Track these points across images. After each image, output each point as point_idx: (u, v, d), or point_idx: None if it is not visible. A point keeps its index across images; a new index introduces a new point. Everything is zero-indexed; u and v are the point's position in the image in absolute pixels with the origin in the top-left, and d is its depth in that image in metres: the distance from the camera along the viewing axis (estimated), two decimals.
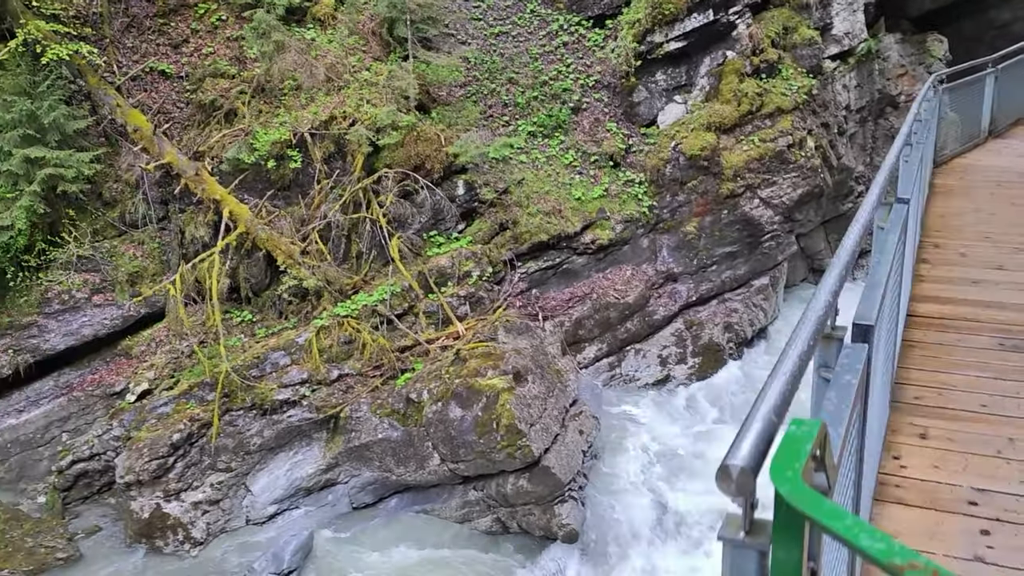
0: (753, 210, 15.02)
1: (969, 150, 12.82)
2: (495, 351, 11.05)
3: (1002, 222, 9.18)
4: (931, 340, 5.98)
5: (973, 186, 10.94)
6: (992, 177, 11.35)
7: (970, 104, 12.73)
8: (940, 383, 5.35)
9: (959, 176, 11.52)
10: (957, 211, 9.64)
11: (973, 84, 12.61)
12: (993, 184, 10.99)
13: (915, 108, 8.40)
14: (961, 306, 6.62)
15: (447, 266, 12.91)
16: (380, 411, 11.00)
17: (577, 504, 10.27)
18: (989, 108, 12.89)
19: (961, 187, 10.91)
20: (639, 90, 15.79)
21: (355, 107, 13.13)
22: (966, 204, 9.98)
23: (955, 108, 12.31)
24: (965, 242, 8.36)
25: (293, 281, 12.28)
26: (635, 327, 14.02)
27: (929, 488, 4.27)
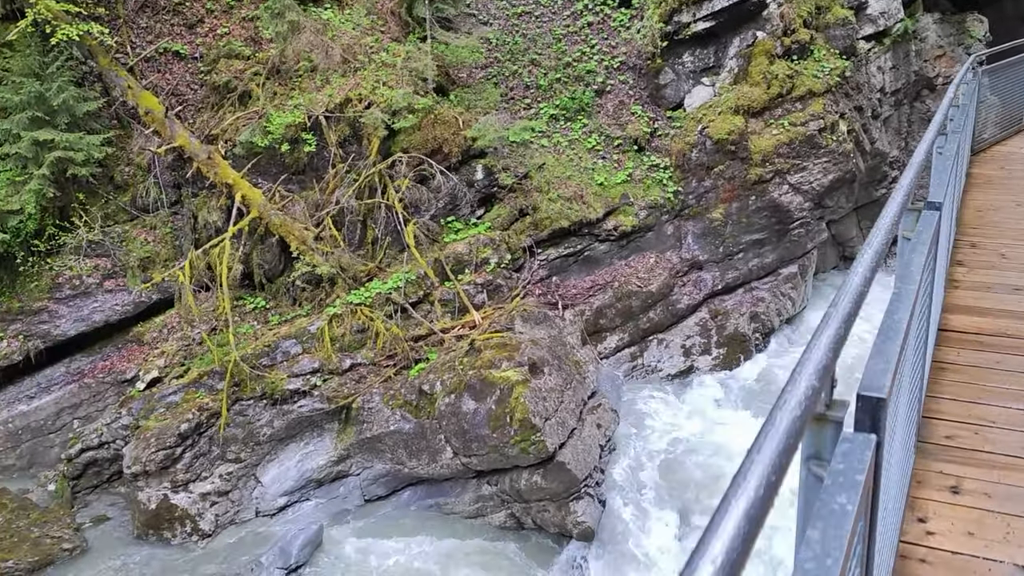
0: (782, 196, 14.51)
1: (1010, 136, 12.08)
2: (511, 342, 10.71)
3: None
4: (965, 361, 5.14)
5: (1014, 176, 10.17)
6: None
7: (1012, 87, 11.97)
8: (977, 418, 4.50)
9: (999, 165, 10.77)
10: (996, 205, 8.88)
11: (1015, 66, 11.89)
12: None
13: (951, 91, 7.67)
14: (1001, 319, 5.77)
15: (464, 253, 12.57)
16: (393, 402, 10.72)
17: (593, 501, 9.93)
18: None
19: (1001, 178, 10.16)
20: (665, 72, 15.30)
21: (371, 89, 12.80)
22: (1006, 198, 9.21)
23: (995, 91, 11.60)
24: (1005, 242, 7.56)
25: (306, 268, 12.01)
26: (658, 316, 13.61)
27: (961, 565, 3.45)
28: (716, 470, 11.11)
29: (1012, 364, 5.10)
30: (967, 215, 8.52)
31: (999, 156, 11.26)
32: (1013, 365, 5.08)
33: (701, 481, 10.93)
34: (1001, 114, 11.93)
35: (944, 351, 5.29)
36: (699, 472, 11.10)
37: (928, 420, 4.48)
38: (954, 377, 4.94)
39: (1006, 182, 9.92)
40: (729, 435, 11.83)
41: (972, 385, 4.85)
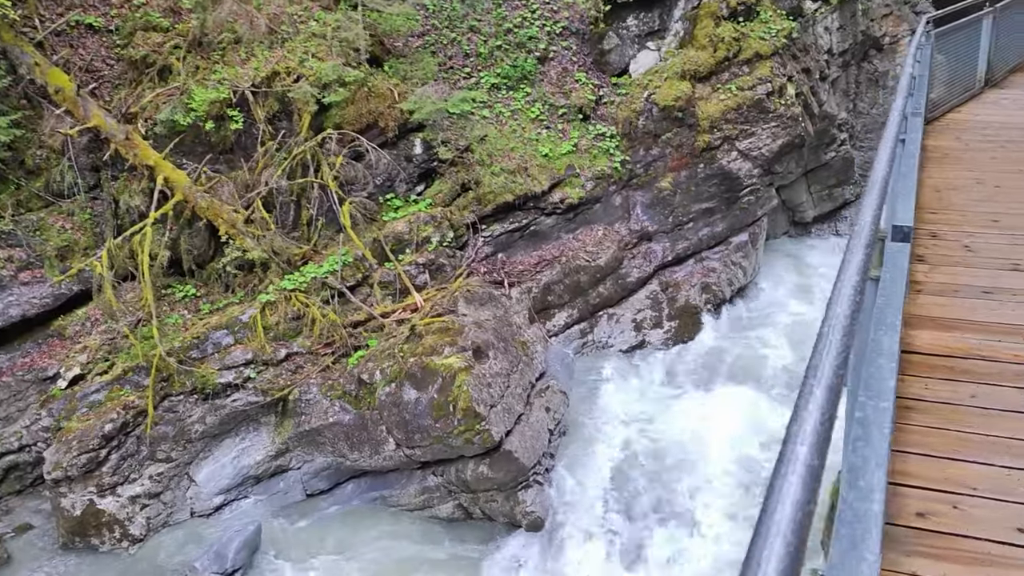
0: (731, 163, 14.16)
1: (964, 103, 11.45)
2: (453, 326, 10.24)
3: (1011, 198, 7.65)
4: (935, 396, 4.16)
5: (972, 148, 9.47)
6: (992, 136, 9.98)
7: (965, 50, 11.32)
8: (954, 483, 3.48)
9: (955, 135, 10.06)
10: (955, 183, 8.11)
11: (968, 27, 11.35)
12: (995, 145, 9.60)
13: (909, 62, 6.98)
14: (972, 334, 4.82)
15: (404, 232, 12.03)
16: (331, 393, 10.22)
17: (543, 489, 9.57)
18: (986, 54, 11.51)
19: (958, 150, 9.46)
20: (609, 37, 14.79)
21: (299, 62, 12.11)
22: (965, 173, 8.47)
23: (947, 55, 11.08)
24: (969, 230, 6.77)
25: (237, 253, 11.38)
26: (608, 291, 13.22)
27: None
28: (669, 448, 10.83)
29: (989, 398, 4.14)
30: (925, 196, 7.71)
31: (954, 125, 10.61)
32: (991, 400, 4.13)
33: (654, 460, 10.63)
34: (953, 79, 11.36)
35: (908, 383, 4.31)
36: (652, 451, 10.80)
37: (895, 488, 3.46)
38: (922, 419, 3.97)
39: (964, 155, 9.23)
40: (682, 410, 11.55)
41: (945, 433, 3.87)
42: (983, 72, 11.61)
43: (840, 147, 16.90)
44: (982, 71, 11.60)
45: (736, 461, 10.37)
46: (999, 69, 12.16)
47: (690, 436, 10.86)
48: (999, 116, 10.82)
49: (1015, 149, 9.40)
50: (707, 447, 10.71)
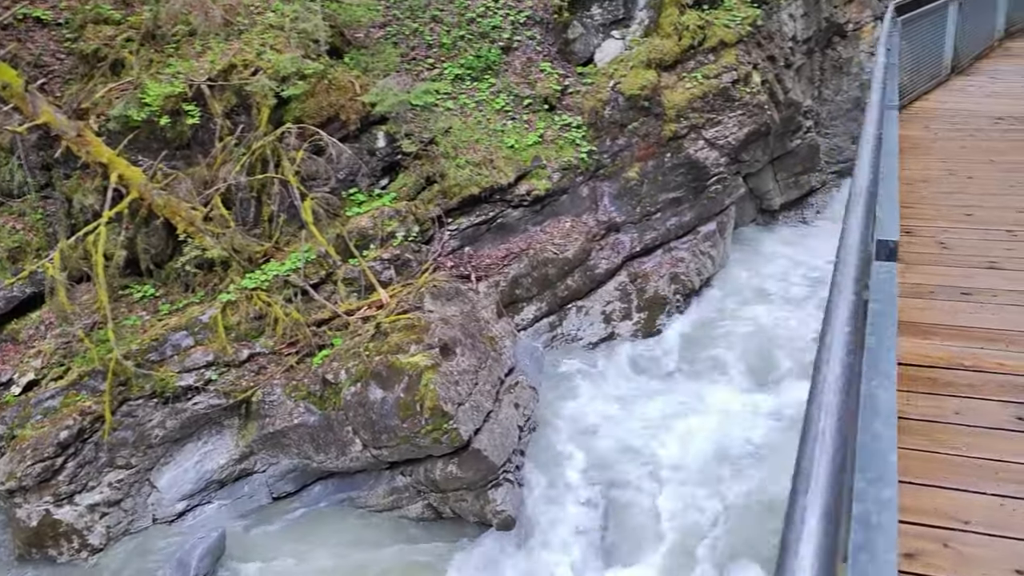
0: (698, 152, 14.07)
1: (931, 90, 11.34)
2: (419, 322, 10.04)
3: (983, 189, 7.46)
4: (919, 413, 3.88)
5: (941, 138, 9.32)
6: (961, 124, 9.85)
7: (931, 37, 11.22)
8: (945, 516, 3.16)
9: (923, 124, 9.90)
10: (926, 175, 7.91)
11: (934, 14, 11.26)
12: (964, 134, 9.47)
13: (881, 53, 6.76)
14: (952, 340, 4.53)
15: (368, 227, 11.80)
16: (295, 394, 9.98)
17: (513, 487, 9.42)
18: (952, 41, 11.49)
19: (927, 140, 9.28)
20: (574, 26, 14.62)
21: (257, 54, 11.80)
22: (936, 164, 8.28)
23: (914, 42, 10.97)
24: (944, 225, 6.50)
25: (196, 251, 11.08)
26: (576, 283, 13.08)
27: None
28: (640, 441, 10.73)
29: (975, 414, 3.83)
30: None
31: (922, 113, 10.46)
32: (976, 416, 3.81)
33: (626, 455, 10.52)
34: (920, 66, 11.25)
35: None
36: (623, 445, 10.69)
37: None
38: (906, 440, 3.56)
39: (934, 145, 9.05)
40: (653, 403, 11.46)
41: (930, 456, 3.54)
42: (949, 59, 11.55)
43: (806, 134, 16.87)
44: (948, 58, 11.54)
45: (707, 453, 10.29)
46: (965, 56, 12.12)
47: (661, 429, 10.76)
48: (967, 104, 10.71)
49: (984, 138, 9.24)
50: (678, 440, 10.63)
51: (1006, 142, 9.06)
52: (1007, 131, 9.44)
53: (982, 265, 5.68)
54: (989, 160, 8.31)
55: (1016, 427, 3.72)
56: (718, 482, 9.79)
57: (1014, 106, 10.32)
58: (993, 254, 5.85)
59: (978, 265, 5.69)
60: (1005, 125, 9.57)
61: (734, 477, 9.79)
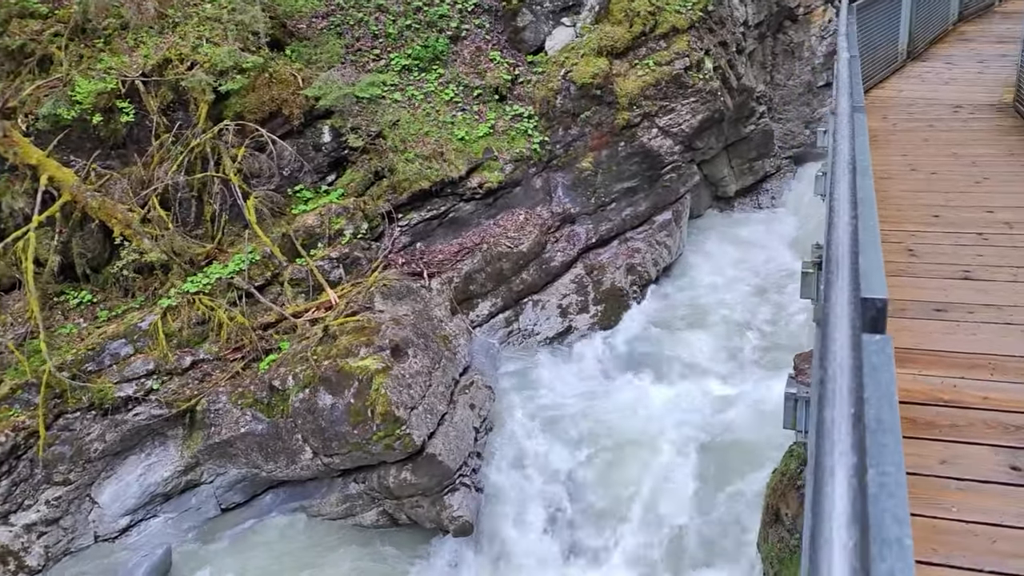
0: (651, 140, 13.87)
1: (887, 77, 11.13)
2: (369, 324, 9.71)
3: (948, 186, 7.08)
4: None
5: (901, 129, 9.06)
6: (920, 114, 9.60)
7: (886, 22, 11.06)
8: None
9: (881, 115, 9.61)
10: (889, 171, 7.52)
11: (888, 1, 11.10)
12: (924, 124, 9.20)
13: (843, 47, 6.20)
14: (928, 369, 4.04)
15: (315, 225, 11.42)
16: (242, 401, 9.60)
17: (470, 491, 9.16)
18: (907, 26, 11.30)
19: (886, 132, 8.98)
20: (523, 13, 14.30)
21: (193, 48, 11.33)
22: (897, 158, 7.97)
23: (869, 27, 10.71)
24: (910, 228, 6.10)
25: (134, 255, 10.62)
26: (531, 277, 12.82)
27: None
28: (599, 438, 10.51)
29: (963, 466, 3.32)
30: None
31: (879, 103, 10.16)
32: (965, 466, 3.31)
33: (586, 452, 10.29)
34: (876, 53, 11.03)
35: None
36: (583, 442, 10.46)
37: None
38: None
39: (893, 137, 8.76)
40: (612, 398, 11.25)
41: (915, 522, 2.89)
42: (905, 44, 11.36)
43: (759, 120, 16.77)
44: (904, 43, 11.35)
45: (671, 448, 10.11)
46: (920, 41, 11.97)
47: (622, 425, 10.56)
48: (924, 91, 10.53)
49: (944, 128, 8.99)
50: (639, 435, 10.43)
51: (967, 132, 8.78)
52: (967, 120, 9.18)
53: (955, 275, 5.29)
54: (952, 153, 8.02)
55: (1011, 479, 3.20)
56: (683, 478, 9.61)
57: (972, 93, 10.12)
58: (965, 262, 5.47)
59: (951, 275, 5.29)
60: (965, 114, 9.34)
61: (700, 472, 9.61)
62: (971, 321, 4.68)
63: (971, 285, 5.16)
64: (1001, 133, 8.62)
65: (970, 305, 4.88)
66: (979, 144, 8.28)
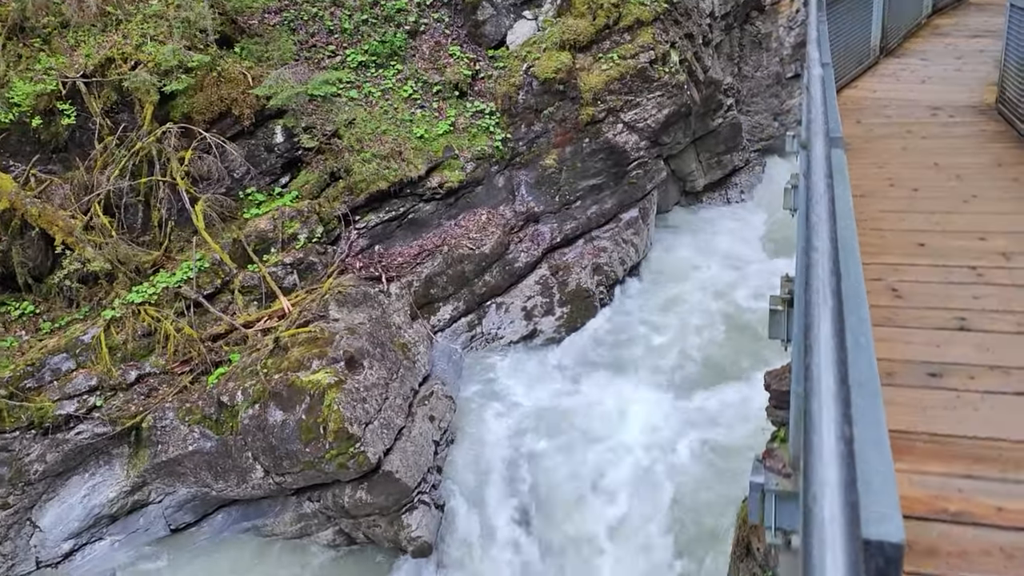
0: (617, 136, 13.54)
1: (860, 75, 10.35)
2: (322, 334, 9.33)
3: (933, 205, 6.22)
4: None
5: (876, 136, 8.20)
6: (897, 118, 8.84)
7: (858, 16, 10.25)
8: None
9: (855, 119, 8.78)
10: (865, 187, 6.65)
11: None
12: (901, 130, 8.40)
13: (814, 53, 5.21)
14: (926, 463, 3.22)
15: (268, 229, 11.00)
16: (189, 418, 9.19)
17: (430, 509, 8.82)
18: (880, 19, 10.53)
19: (860, 139, 8.06)
20: (483, 6, 13.90)
21: (136, 46, 10.85)
22: (874, 172, 7.10)
23: (839, 22, 9.75)
24: (892, 260, 5.16)
25: (76, 264, 10.16)
26: (495, 279, 12.47)
27: None
28: (565, 449, 10.20)
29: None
30: None
31: (852, 105, 9.38)
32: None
33: (551, 464, 9.98)
34: (847, 49, 10.17)
35: None
36: (548, 451, 10.16)
37: None
38: None
39: (868, 146, 7.83)
40: (578, 405, 10.94)
41: None
42: (877, 40, 10.63)
43: (727, 113, 16.50)
44: (876, 39, 10.61)
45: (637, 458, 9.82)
46: (894, 35, 11.21)
47: (587, 433, 10.26)
48: (900, 91, 9.79)
49: (924, 134, 8.23)
50: (605, 444, 10.14)
51: (949, 139, 8.00)
52: (947, 125, 8.44)
53: (950, 325, 4.43)
54: (933, 164, 7.23)
55: None
56: (651, 491, 9.33)
57: (950, 93, 9.44)
58: (960, 305, 4.64)
59: (944, 325, 4.38)
60: (944, 117, 8.64)
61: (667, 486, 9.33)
62: (974, 390, 3.79)
63: (969, 339, 4.28)
64: (985, 139, 7.92)
65: (971, 367, 4.00)
66: (963, 153, 7.62)
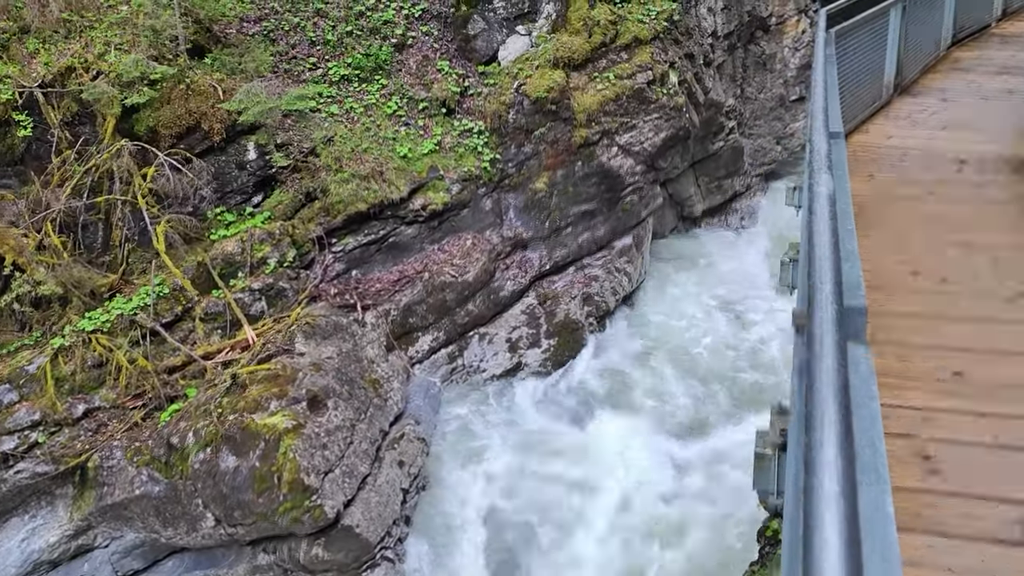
0: (611, 160, 12.89)
1: (870, 117, 8.75)
2: (285, 371, 8.64)
3: (970, 310, 4.77)
4: None
5: (892, 197, 6.57)
6: (916, 173, 7.20)
7: (870, 49, 8.74)
8: None
9: (866, 173, 7.14)
10: (880, 274, 5.15)
11: (874, 21, 8.74)
12: (923, 192, 6.66)
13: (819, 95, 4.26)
14: None
15: (236, 252, 10.32)
16: (138, 459, 8.49)
17: (393, 566, 8.13)
18: (895, 53, 9.03)
19: (874, 201, 6.43)
20: (475, 20, 13.26)
21: (99, 55, 10.20)
22: (891, 252, 5.52)
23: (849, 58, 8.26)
24: (917, 399, 3.85)
25: (26, 287, 9.46)
26: (478, 308, 11.79)
27: None
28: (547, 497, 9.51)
29: None
30: None
31: (863, 154, 7.66)
32: None
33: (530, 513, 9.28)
34: (857, 88, 8.55)
35: None
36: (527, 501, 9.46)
37: None
38: None
39: (883, 212, 6.18)
40: (562, 448, 10.24)
41: None
42: (892, 76, 9.20)
43: (728, 136, 15.87)
44: (891, 75, 9.19)
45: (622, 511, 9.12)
46: (910, 70, 9.80)
47: (570, 480, 9.56)
48: (918, 138, 8.18)
49: (950, 196, 6.46)
50: (588, 494, 9.45)
51: (981, 204, 6.37)
52: (978, 184, 6.74)
53: (996, 496, 3.20)
54: (965, 243, 5.67)
55: None
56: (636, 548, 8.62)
57: (977, 143, 7.68)
58: (1016, 478, 3.28)
59: (1004, 522, 3.12)
60: (973, 173, 7.00)
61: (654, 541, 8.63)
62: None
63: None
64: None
65: None
66: (1000, 226, 6.00)
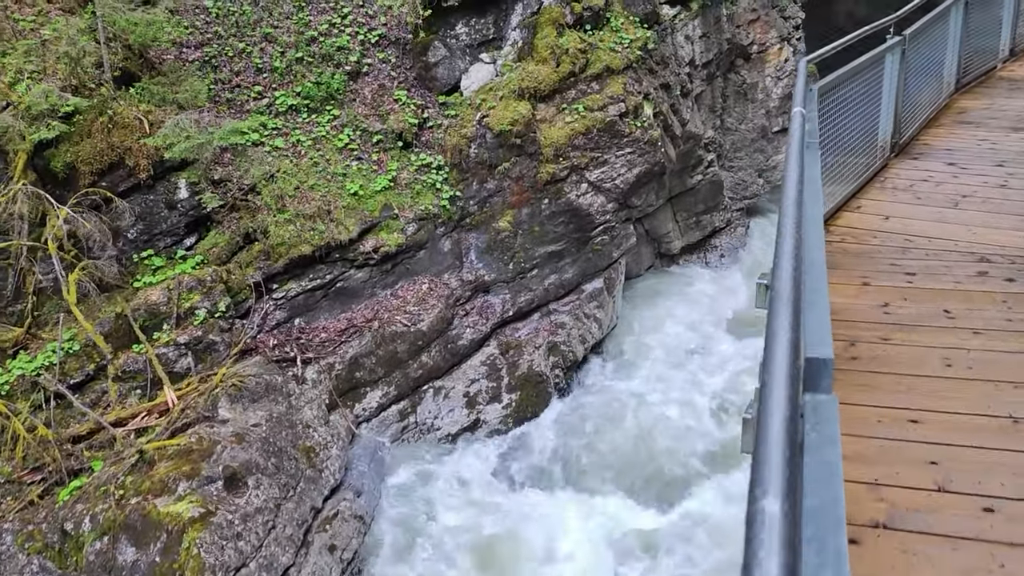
0: (580, 197, 11.98)
1: (863, 187, 7.07)
2: (200, 445, 7.62)
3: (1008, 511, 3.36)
4: None
5: (897, 326, 4.79)
6: (925, 279, 5.25)
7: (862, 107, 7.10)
8: None
9: (859, 275, 5.32)
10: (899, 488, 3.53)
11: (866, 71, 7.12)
12: (937, 311, 4.91)
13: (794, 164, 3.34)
14: None
15: (161, 302, 9.33)
16: (30, 545, 7.44)
17: None
18: (892, 109, 7.44)
19: (873, 335, 4.73)
20: (435, 47, 12.37)
21: (11, 83, 9.22)
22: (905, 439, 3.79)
23: (837, 118, 6.64)
24: None
25: None
26: (434, 359, 10.81)
27: None
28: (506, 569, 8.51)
29: None
30: None
31: (852, 243, 5.96)
32: None
33: None
34: (847, 153, 6.85)
35: None
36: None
37: None
38: None
39: (887, 355, 4.46)
40: (521, 520, 9.24)
41: None
42: (887, 136, 7.58)
43: (708, 169, 15.03)
44: (887, 134, 7.55)
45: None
46: (908, 125, 8.17)
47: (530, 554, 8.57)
48: (923, 220, 6.28)
49: (974, 323, 4.71)
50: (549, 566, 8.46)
51: (1018, 337, 4.53)
52: (1009, 300, 4.92)
53: None
54: (1009, 417, 3.84)
55: None
56: None
57: (1001, 230, 5.83)
58: None
59: None
60: (1001, 281, 5.11)
61: None
62: None
63: None
64: None
65: None
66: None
